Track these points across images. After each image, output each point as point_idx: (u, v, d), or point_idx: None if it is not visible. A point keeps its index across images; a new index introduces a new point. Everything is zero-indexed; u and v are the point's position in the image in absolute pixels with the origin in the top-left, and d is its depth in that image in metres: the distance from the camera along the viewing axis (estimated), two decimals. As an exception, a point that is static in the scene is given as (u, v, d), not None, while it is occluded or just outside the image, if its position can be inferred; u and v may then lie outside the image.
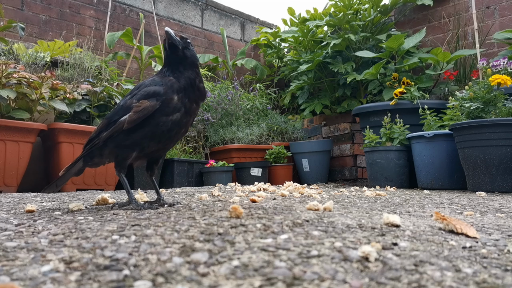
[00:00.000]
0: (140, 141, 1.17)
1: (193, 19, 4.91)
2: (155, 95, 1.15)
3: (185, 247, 0.65)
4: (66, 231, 0.79)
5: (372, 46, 3.85)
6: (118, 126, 1.15)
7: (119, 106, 1.21)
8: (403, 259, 0.60)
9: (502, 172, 2.25)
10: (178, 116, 1.19)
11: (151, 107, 1.13)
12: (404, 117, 2.98)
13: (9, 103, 2.39)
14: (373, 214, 1.11)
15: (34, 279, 0.50)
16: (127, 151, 1.19)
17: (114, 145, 1.19)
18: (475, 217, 1.15)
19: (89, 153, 1.24)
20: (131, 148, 1.18)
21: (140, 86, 1.21)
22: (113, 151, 1.20)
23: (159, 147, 1.23)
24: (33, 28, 3.69)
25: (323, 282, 0.50)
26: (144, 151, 1.22)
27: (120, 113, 1.17)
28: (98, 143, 1.19)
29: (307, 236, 0.75)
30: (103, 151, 1.21)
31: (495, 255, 0.66)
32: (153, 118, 1.15)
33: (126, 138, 1.17)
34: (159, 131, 1.17)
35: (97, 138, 1.20)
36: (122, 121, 1.14)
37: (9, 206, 1.32)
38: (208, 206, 1.22)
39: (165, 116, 1.17)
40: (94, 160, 1.26)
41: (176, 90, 1.18)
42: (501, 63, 2.68)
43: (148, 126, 1.16)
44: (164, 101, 1.16)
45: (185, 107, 1.20)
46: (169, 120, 1.17)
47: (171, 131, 1.20)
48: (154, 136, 1.18)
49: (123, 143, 1.18)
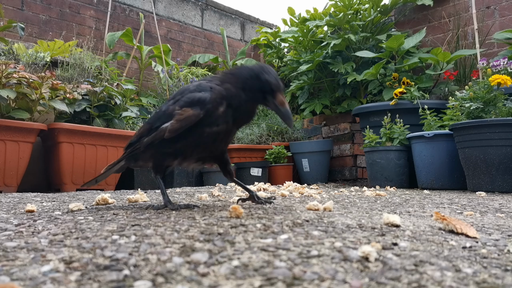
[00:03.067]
0: (183, 150, 1.14)
1: (193, 19, 4.91)
2: (199, 103, 1.06)
3: (185, 247, 0.65)
4: (66, 231, 0.79)
5: (372, 46, 3.85)
6: (159, 134, 1.10)
7: (161, 111, 1.15)
8: (403, 259, 0.60)
9: (502, 172, 2.25)
10: (224, 127, 1.11)
11: (194, 117, 1.05)
12: (404, 117, 2.98)
13: (9, 103, 2.39)
14: (373, 214, 1.11)
15: (34, 279, 0.50)
16: (169, 158, 1.17)
17: (156, 151, 1.16)
18: (475, 217, 1.14)
19: (132, 156, 1.22)
20: (173, 155, 1.16)
21: (184, 91, 1.13)
22: (154, 156, 1.18)
23: (205, 154, 1.19)
24: (33, 28, 3.69)
25: (323, 282, 0.50)
26: (188, 159, 1.19)
27: (162, 119, 1.12)
28: (139, 147, 1.17)
29: (307, 236, 0.75)
30: (145, 155, 1.20)
31: (495, 255, 0.66)
32: (196, 128, 1.08)
33: (168, 145, 1.13)
34: (202, 142, 1.12)
35: (138, 143, 1.17)
36: (164, 129, 1.09)
37: (9, 206, 1.32)
38: (208, 206, 1.22)
39: (208, 127, 1.08)
40: (138, 162, 1.25)
41: (223, 98, 1.08)
42: (501, 63, 2.68)
43: (191, 136, 1.10)
44: (209, 110, 1.06)
45: (229, 121, 1.11)
46: (214, 131, 1.10)
47: (216, 140, 1.13)
48: (197, 146, 1.13)
49: (164, 150, 1.14)
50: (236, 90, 1.08)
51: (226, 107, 1.08)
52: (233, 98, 1.08)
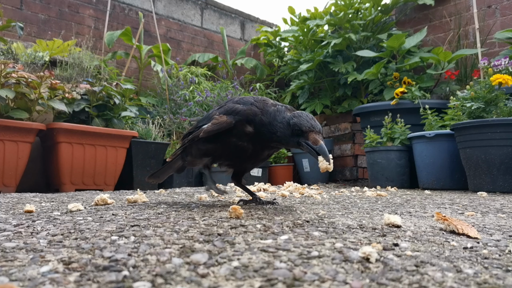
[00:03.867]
0: (212, 152, 1.22)
1: (193, 18, 4.89)
2: (235, 113, 1.15)
3: (185, 247, 0.65)
4: (65, 231, 0.79)
5: (373, 45, 3.84)
6: (198, 132, 1.20)
7: (207, 114, 1.26)
8: (404, 260, 0.60)
9: (504, 172, 2.24)
10: (250, 146, 1.17)
11: (226, 124, 1.13)
12: (405, 117, 2.97)
13: (8, 103, 2.37)
14: (374, 215, 1.11)
15: (33, 280, 0.50)
16: (202, 157, 1.26)
17: (195, 148, 1.26)
18: (476, 217, 1.14)
19: (183, 151, 1.33)
20: (205, 155, 1.24)
21: (229, 100, 1.23)
22: (195, 152, 1.28)
23: (233, 163, 1.27)
24: (32, 27, 3.68)
25: (324, 283, 0.50)
26: (217, 162, 1.27)
27: (205, 121, 1.23)
28: (185, 142, 1.27)
29: (308, 236, 0.74)
30: (191, 149, 1.29)
31: (496, 255, 0.66)
32: (225, 135, 1.16)
33: (202, 145, 1.22)
34: (229, 150, 1.19)
35: (186, 138, 1.28)
36: (201, 129, 1.18)
37: (8, 206, 1.31)
38: (208, 207, 1.21)
39: (236, 138, 1.16)
40: (188, 158, 1.33)
41: (253, 121, 1.13)
42: (502, 63, 2.67)
43: (220, 142, 1.18)
44: (239, 122, 1.14)
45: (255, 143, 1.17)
46: (240, 145, 1.17)
47: (242, 154, 1.19)
48: (224, 152, 1.21)
49: (200, 147, 1.24)
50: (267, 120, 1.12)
51: (254, 129, 1.13)
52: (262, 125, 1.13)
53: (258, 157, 1.23)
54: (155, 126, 3.36)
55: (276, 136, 1.10)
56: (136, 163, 2.86)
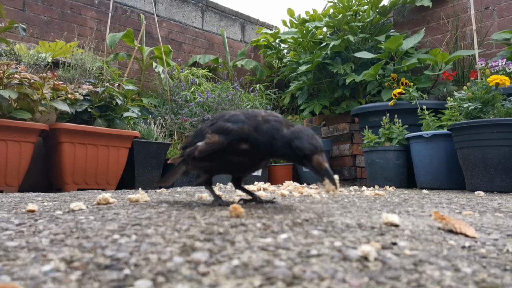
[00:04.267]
0: (209, 169, 1.23)
1: (194, 20, 4.93)
2: (226, 132, 1.11)
3: (186, 246, 0.65)
4: (67, 230, 0.79)
5: (371, 47, 3.87)
6: (193, 150, 1.19)
7: (200, 130, 1.24)
8: (402, 259, 0.61)
9: (501, 172, 2.26)
10: (247, 160, 1.15)
11: (219, 145, 1.11)
12: (403, 117, 2.99)
13: (11, 103, 2.40)
14: (372, 214, 1.10)
15: (35, 279, 0.50)
16: (201, 173, 1.27)
17: (192, 164, 1.26)
18: (474, 216, 1.14)
19: (183, 161, 1.33)
20: (203, 170, 1.25)
21: (221, 117, 1.19)
22: (193, 167, 1.29)
23: (232, 174, 1.28)
24: (35, 29, 3.71)
25: (323, 282, 0.50)
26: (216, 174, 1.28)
27: (198, 137, 1.21)
28: (184, 156, 1.27)
29: (307, 235, 0.74)
30: (189, 164, 1.29)
31: (494, 254, 0.66)
32: (221, 153, 1.14)
33: (199, 163, 1.22)
34: (226, 166, 1.18)
35: (184, 151, 1.28)
36: (195, 148, 1.18)
37: (10, 205, 1.31)
38: (209, 206, 1.20)
39: (232, 156, 1.14)
40: (189, 167, 1.34)
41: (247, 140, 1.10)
42: (500, 64, 2.70)
43: (215, 159, 1.17)
44: (232, 141, 1.11)
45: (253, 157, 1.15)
46: (238, 161, 1.15)
47: (240, 167, 1.18)
48: (222, 168, 1.20)
49: (197, 165, 1.24)
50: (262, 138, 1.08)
51: (250, 146, 1.10)
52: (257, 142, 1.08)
53: (257, 166, 1.22)
54: (157, 126, 3.38)
55: (277, 154, 1.08)
56: (138, 163, 2.88)
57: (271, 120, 1.08)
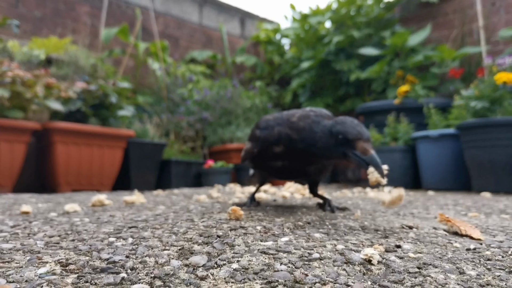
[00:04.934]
0: (258, 172, 1.24)
1: (191, 15, 4.83)
2: (255, 139, 1.11)
3: (184, 249, 0.65)
4: (62, 233, 0.79)
5: (376, 43, 3.78)
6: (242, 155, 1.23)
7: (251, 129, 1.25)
8: (406, 262, 0.60)
9: (509, 173, 2.20)
10: (287, 164, 1.08)
11: (249, 153, 1.12)
12: (409, 116, 2.92)
13: (3, 102, 2.32)
14: (376, 216, 1.10)
15: (30, 282, 0.50)
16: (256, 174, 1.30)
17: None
18: (480, 218, 1.13)
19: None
20: (257, 173, 1.28)
21: (258, 123, 1.15)
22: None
23: (282, 179, 1.25)
24: (28, 25, 3.61)
25: (325, 286, 0.50)
26: (270, 178, 1.26)
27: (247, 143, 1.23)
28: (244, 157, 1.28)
29: (309, 238, 0.74)
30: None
31: (499, 257, 0.65)
32: (258, 159, 1.13)
33: (250, 166, 1.24)
34: (275, 171, 1.14)
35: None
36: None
37: (4, 207, 1.30)
38: (207, 208, 1.20)
39: (270, 161, 1.10)
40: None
41: (279, 141, 1.04)
42: (507, 61, 2.61)
43: (259, 166, 1.18)
44: (262, 148, 1.08)
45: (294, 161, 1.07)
46: (280, 166, 1.10)
47: (287, 171, 1.12)
48: (272, 173, 1.18)
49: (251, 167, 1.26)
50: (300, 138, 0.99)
51: (285, 148, 1.04)
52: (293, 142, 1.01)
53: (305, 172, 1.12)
54: (153, 125, 3.30)
55: (316, 148, 0.97)
56: (133, 163, 2.81)
57: (311, 116, 1.00)
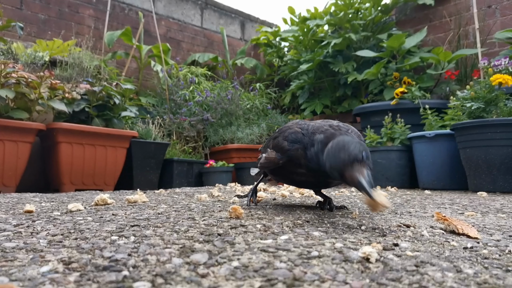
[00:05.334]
0: (276, 178, 1.22)
1: (193, 18, 4.89)
2: (282, 151, 1.07)
3: (185, 247, 0.65)
4: (65, 231, 0.79)
5: (373, 45, 3.84)
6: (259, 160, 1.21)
7: (269, 138, 1.23)
8: (404, 260, 0.61)
9: (504, 173, 2.23)
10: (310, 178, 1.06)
11: (274, 163, 1.09)
12: (405, 117, 2.96)
13: (8, 103, 2.37)
14: (374, 215, 1.11)
15: (33, 280, 0.50)
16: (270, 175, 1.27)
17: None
18: (476, 217, 1.14)
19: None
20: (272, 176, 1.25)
21: (283, 132, 1.12)
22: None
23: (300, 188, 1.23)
24: (32, 27, 3.67)
25: (324, 283, 0.50)
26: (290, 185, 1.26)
27: (265, 147, 1.21)
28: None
29: (308, 236, 0.75)
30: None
31: (496, 255, 0.66)
32: (281, 168, 1.11)
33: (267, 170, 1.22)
34: (294, 181, 1.14)
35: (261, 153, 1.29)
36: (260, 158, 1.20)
37: (8, 206, 1.30)
38: (208, 207, 1.21)
39: (293, 173, 1.09)
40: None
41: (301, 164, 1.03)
42: (502, 63, 2.66)
43: (279, 174, 1.16)
44: (288, 160, 1.06)
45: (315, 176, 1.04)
46: (300, 178, 1.09)
47: (307, 183, 1.12)
48: (291, 182, 1.17)
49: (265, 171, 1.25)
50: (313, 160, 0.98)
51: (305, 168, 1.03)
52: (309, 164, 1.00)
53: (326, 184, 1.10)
54: (155, 126, 3.35)
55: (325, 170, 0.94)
56: (136, 163, 2.85)
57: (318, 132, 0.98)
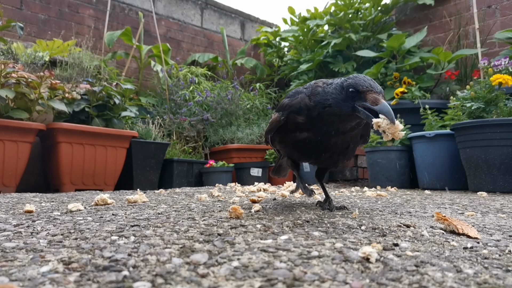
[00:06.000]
0: (283, 150, 1.17)
1: (193, 18, 4.89)
2: (282, 108, 1.06)
3: (185, 247, 0.65)
4: (65, 231, 0.79)
5: (373, 45, 3.84)
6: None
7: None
8: (404, 260, 0.61)
9: (504, 172, 2.23)
10: (311, 136, 1.04)
11: (276, 122, 1.07)
12: (405, 117, 2.96)
13: (8, 103, 2.37)
14: (374, 215, 1.11)
15: (33, 280, 0.50)
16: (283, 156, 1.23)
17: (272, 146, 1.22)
18: (476, 217, 1.14)
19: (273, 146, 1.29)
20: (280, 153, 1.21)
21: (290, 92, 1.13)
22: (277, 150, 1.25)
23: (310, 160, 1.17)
24: (32, 27, 3.68)
25: (324, 283, 0.50)
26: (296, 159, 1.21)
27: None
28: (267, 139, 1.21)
29: (308, 236, 0.75)
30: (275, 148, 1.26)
31: (496, 255, 0.66)
32: (284, 131, 1.08)
33: (274, 144, 1.18)
34: (293, 145, 1.10)
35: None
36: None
37: (8, 206, 1.31)
38: (208, 207, 1.21)
39: (295, 132, 1.06)
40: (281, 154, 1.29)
41: (302, 107, 1.01)
42: (502, 63, 2.67)
43: (283, 140, 1.12)
44: (289, 116, 1.04)
45: (315, 131, 1.03)
46: (300, 137, 1.06)
47: (308, 146, 1.08)
48: (293, 149, 1.13)
49: (275, 146, 1.20)
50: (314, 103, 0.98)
51: (306, 117, 1.01)
52: (310, 110, 1.00)
53: (330, 148, 1.07)
54: (155, 126, 3.35)
55: (329, 108, 0.93)
56: (136, 163, 2.86)
57: (334, 83, 0.96)
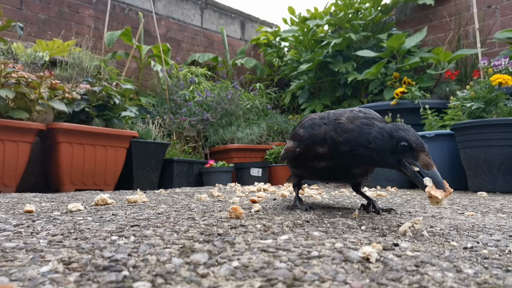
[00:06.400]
0: (298, 173, 1.21)
1: (193, 18, 4.89)
2: (298, 139, 1.08)
3: (185, 247, 0.65)
4: (65, 231, 0.79)
5: (373, 45, 3.84)
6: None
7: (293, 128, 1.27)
8: (404, 260, 0.61)
9: (504, 172, 2.23)
10: (331, 165, 1.05)
11: (291, 152, 1.10)
12: (405, 117, 2.96)
13: (8, 103, 2.37)
14: (374, 215, 1.11)
15: (33, 280, 0.50)
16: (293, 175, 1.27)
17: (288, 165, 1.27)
18: (476, 217, 1.14)
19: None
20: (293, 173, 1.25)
21: (300, 122, 1.14)
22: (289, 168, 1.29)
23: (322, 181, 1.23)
24: (32, 27, 3.68)
25: (324, 283, 0.50)
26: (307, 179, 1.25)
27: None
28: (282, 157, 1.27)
29: (308, 236, 0.75)
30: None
31: (496, 255, 0.66)
32: (301, 158, 1.11)
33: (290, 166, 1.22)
34: (315, 172, 1.12)
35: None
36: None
37: (8, 206, 1.31)
38: (208, 207, 1.21)
39: (312, 162, 1.07)
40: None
41: (325, 142, 1.01)
42: (502, 63, 2.67)
43: (299, 166, 1.15)
44: (306, 148, 1.05)
45: (337, 162, 1.03)
46: (321, 165, 1.07)
47: (328, 172, 1.09)
48: (310, 173, 1.15)
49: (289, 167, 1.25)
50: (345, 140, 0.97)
51: (329, 150, 1.01)
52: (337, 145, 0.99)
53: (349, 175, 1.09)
54: (155, 126, 3.35)
55: (368, 151, 0.92)
56: (136, 163, 2.86)
57: (361, 117, 0.98)
